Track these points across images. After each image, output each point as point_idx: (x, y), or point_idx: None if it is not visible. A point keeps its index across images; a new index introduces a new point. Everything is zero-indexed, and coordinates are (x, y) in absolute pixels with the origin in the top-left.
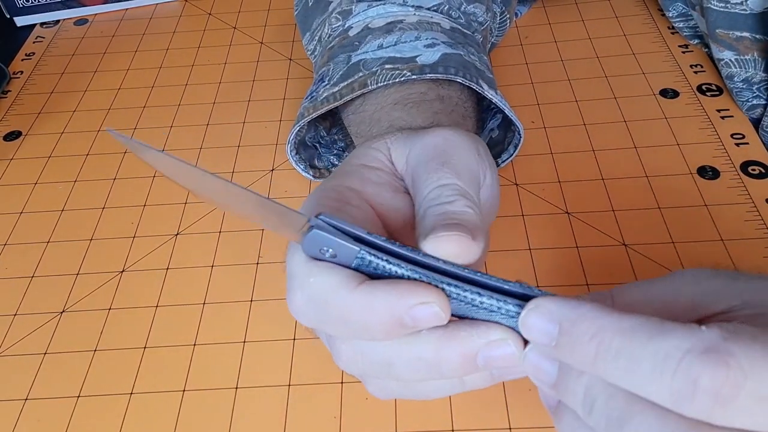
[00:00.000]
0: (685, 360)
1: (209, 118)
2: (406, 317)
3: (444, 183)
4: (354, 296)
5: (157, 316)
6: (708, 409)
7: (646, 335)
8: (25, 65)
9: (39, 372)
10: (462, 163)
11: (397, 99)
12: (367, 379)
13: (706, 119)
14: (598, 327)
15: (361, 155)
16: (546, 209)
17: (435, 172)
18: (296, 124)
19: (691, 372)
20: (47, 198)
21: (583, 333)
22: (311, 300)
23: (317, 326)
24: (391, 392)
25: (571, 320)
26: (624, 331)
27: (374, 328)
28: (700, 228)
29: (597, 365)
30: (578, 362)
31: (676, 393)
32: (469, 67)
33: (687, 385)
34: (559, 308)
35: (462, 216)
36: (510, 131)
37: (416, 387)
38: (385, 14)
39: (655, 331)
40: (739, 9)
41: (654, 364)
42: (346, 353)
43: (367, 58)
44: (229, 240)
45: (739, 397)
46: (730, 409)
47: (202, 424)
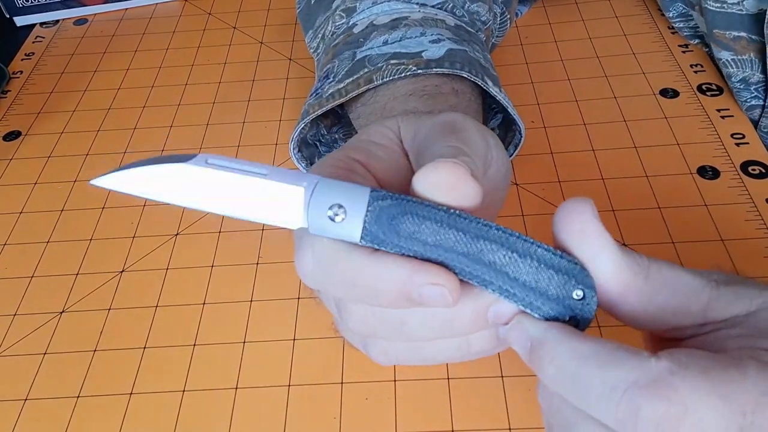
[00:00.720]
0: (629, 392)
1: (209, 118)
2: (414, 293)
3: (449, 144)
4: (367, 261)
5: (157, 316)
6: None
7: (598, 364)
8: (25, 65)
9: (39, 372)
10: (471, 138)
11: (412, 90)
12: (371, 342)
13: (706, 119)
14: (558, 352)
15: (370, 132)
16: (546, 209)
17: (443, 137)
18: (301, 122)
19: (633, 403)
20: (47, 198)
21: (546, 354)
22: (322, 260)
23: (323, 288)
24: (396, 356)
25: (539, 341)
26: (579, 357)
27: (382, 295)
28: (700, 228)
29: (556, 384)
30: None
31: (620, 421)
32: (474, 63)
33: (629, 415)
34: (531, 328)
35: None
36: (510, 131)
37: (423, 348)
38: (389, 11)
39: (606, 361)
40: (735, 9)
41: (602, 392)
42: (357, 312)
43: (372, 54)
44: (229, 240)
45: (682, 428)
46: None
47: (202, 424)
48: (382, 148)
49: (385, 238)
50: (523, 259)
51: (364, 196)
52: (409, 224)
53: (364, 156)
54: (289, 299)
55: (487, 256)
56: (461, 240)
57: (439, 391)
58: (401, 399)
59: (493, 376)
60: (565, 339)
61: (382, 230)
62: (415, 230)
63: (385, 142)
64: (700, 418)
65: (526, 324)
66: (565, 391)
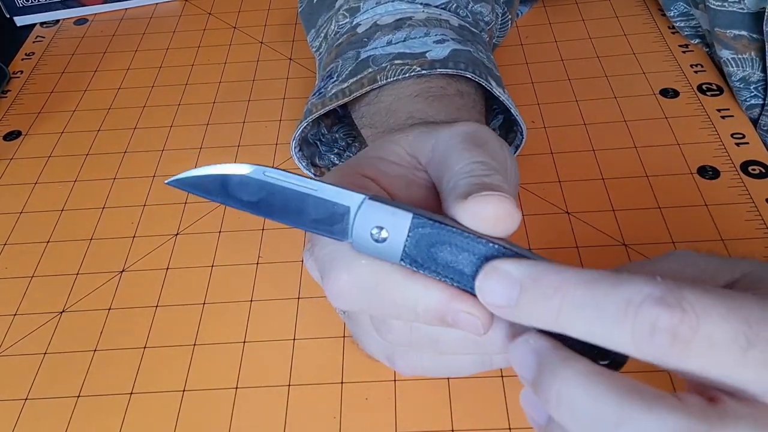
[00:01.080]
0: (645, 303)
1: (209, 118)
2: (449, 317)
3: (479, 160)
4: (407, 283)
5: (157, 316)
6: (665, 349)
7: (609, 284)
8: (25, 65)
9: (39, 372)
10: (494, 149)
11: (417, 91)
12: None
13: (707, 119)
14: (562, 279)
15: (377, 148)
16: (546, 209)
17: (469, 150)
18: (303, 121)
19: (650, 314)
20: (47, 198)
21: (546, 287)
22: (360, 282)
23: (360, 308)
24: (422, 368)
25: (533, 278)
26: (587, 282)
27: (419, 315)
28: (700, 228)
29: (560, 318)
30: (540, 319)
31: (637, 335)
32: (478, 63)
33: (647, 328)
34: (518, 268)
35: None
36: (511, 132)
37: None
38: (393, 11)
39: (617, 281)
40: (736, 8)
41: (616, 311)
42: (398, 327)
43: (376, 54)
44: (229, 240)
45: (694, 340)
46: (686, 351)
47: (202, 424)
48: (392, 165)
49: (424, 263)
50: None
51: (407, 222)
52: (447, 254)
53: (374, 172)
54: (289, 299)
55: None
56: None
57: (439, 391)
58: (401, 399)
59: (493, 376)
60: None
61: (421, 256)
62: (453, 260)
63: (395, 159)
64: (711, 326)
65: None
66: (572, 322)
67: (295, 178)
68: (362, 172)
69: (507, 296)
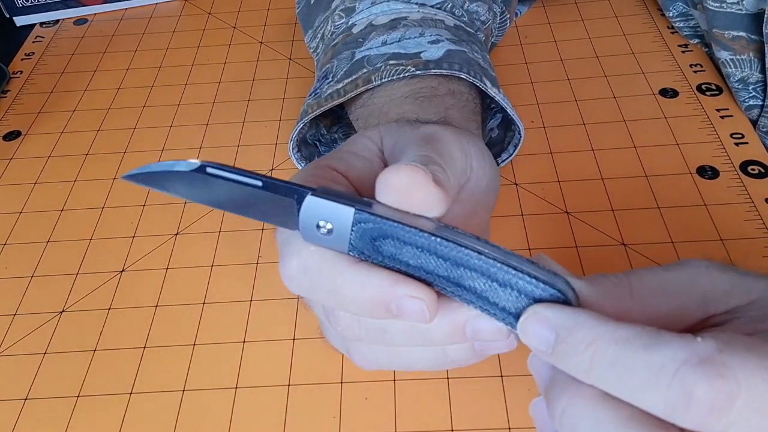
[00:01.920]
0: (681, 371)
1: (209, 118)
2: (393, 305)
3: (421, 153)
4: (350, 271)
5: (157, 316)
6: (702, 420)
7: (642, 345)
8: (25, 65)
9: (39, 372)
10: (445, 149)
11: (408, 92)
12: (353, 347)
13: (706, 119)
14: (594, 336)
15: (351, 143)
16: (546, 209)
17: (417, 146)
18: (299, 122)
19: (686, 383)
20: (47, 198)
21: (579, 341)
22: (306, 268)
23: (307, 294)
24: (376, 361)
25: (568, 329)
26: (620, 340)
27: (362, 304)
28: (699, 228)
29: (591, 374)
30: (573, 370)
31: (671, 403)
32: (473, 64)
33: (682, 396)
34: (556, 316)
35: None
36: (510, 131)
37: (402, 354)
38: (388, 11)
39: (651, 341)
40: (735, 9)
41: (649, 374)
42: (344, 319)
43: (371, 55)
44: (229, 240)
45: (734, 408)
46: (724, 420)
47: (202, 424)
48: (362, 159)
49: (371, 255)
50: (503, 289)
51: (349, 216)
52: (391, 247)
53: (344, 166)
54: (289, 299)
55: (467, 282)
56: (441, 265)
57: (439, 391)
58: (401, 399)
59: (493, 376)
60: (602, 322)
61: (366, 248)
62: (397, 252)
63: (366, 153)
64: (753, 393)
65: (547, 313)
66: (603, 379)
67: (239, 173)
68: (333, 166)
69: (545, 341)
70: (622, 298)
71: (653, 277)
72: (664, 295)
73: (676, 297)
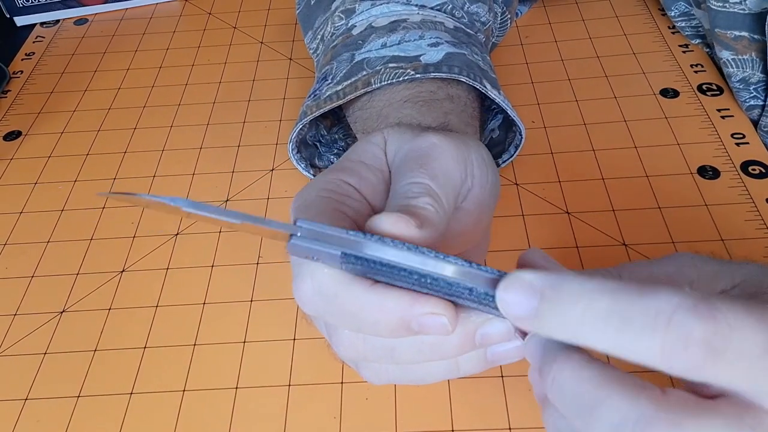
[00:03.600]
0: (677, 314)
1: (209, 118)
2: (414, 323)
3: (415, 181)
4: (367, 295)
5: (157, 316)
6: (698, 363)
7: (636, 293)
8: (25, 65)
9: (39, 372)
10: (441, 167)
11: (407, 96)
12: (363, 364)
13: (707, 119)
14: (585, 289)
15: (360, 151)
16: (546, 209)
17: (411, 171)
18: (298, 123)
19: (684, 325)
20: (47, 198)
21: (568, 296)
22: (321, 291)
23: (321, 316)
24: (387, 377)
25: (554, 286)
26: (612, 291)
27: (381, 326)
28: (700, 228)
29: (583, 329)
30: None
31: (668, 347)
32: (472, 66)
33: (680, 339)
34: (538, 277)
35: (419, 210)
36: (511, 131)
37: (413, 370)
38: (388, 13)
39: (644, 290)
40: (737, 8)
41: (645, 321)
42: (348, 339)
43: (370, 57)
44: (229, 240)
45: (727, 350)
46: (719, 362)
47: (202, 424)
48: (372, 170)
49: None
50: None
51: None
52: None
53: (356, 179)
54: (289, 299)
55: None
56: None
57: (439, 391)
58: (401, 399)
59: (493, 376)
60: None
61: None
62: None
63: (375, 163)
64: (742, 337)
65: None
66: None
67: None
68: (344, 179)
69: (528, 306)
70: None
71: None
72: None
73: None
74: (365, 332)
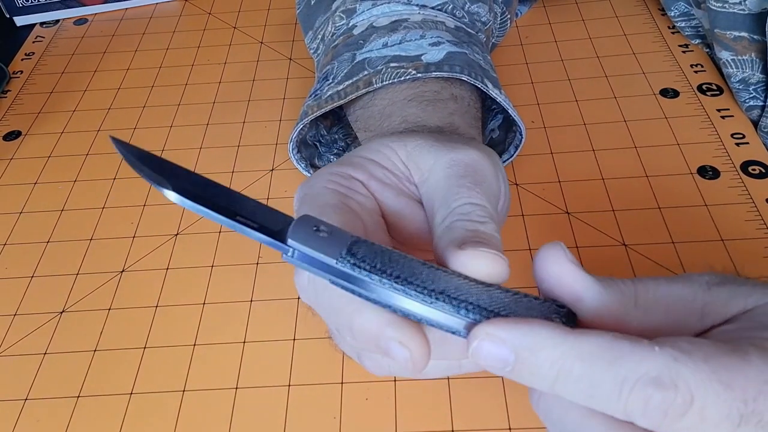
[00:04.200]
0: (639, 384)
1: (209, 118)
2: (382, 341)
3: (476, 202)
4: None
5: (157, 316)
6: (658, 424)
7: (607, 361)
8: (25, 65)
9: (39, 372)
10: (490, 188)
11: (411, 95)
12: (365, 354)
13: (707, 119)
14: (560, 354)
15: (372, 150)
16: (546, 209)
17: (468, 189)
18: (299, 123)
19: (643, 395)
20: (47, 198)
21: (543, 361)
22: (315, 284)
23: (315, 308)
24: (389, 370)
25: (529, 349)
26: (585, 357)
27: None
28: (700, 228)
29: (556, 388)
30: (536, 385)
31: (629, 410)
32: (474, 65)
33: (640, 405)
34: (512, 336)
35: (492, 240)
36: (511, 131)
37: None
38: (389, 13)
39: (614, 356)
40: (737, 9)
41: (612, 388)
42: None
43: (371, 57)
44: (229, 240)
45: (687, 415)
46: (677, 423)
47: (202, 424)
48: (385, 171)
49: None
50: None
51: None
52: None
53: (365, 175)
54: (289, 299)
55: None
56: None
57: (439, 391)
58: (401, 399)
59: (493, 376)
60: (563, 339)
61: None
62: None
63: (389, 165)
64: (704, 405)
65: (502, 334)
66: (569, 392)
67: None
68: (352, 174)
69: (503, 362)
70: (627, 305)
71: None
72: (665, 306)
73: (676, 310)
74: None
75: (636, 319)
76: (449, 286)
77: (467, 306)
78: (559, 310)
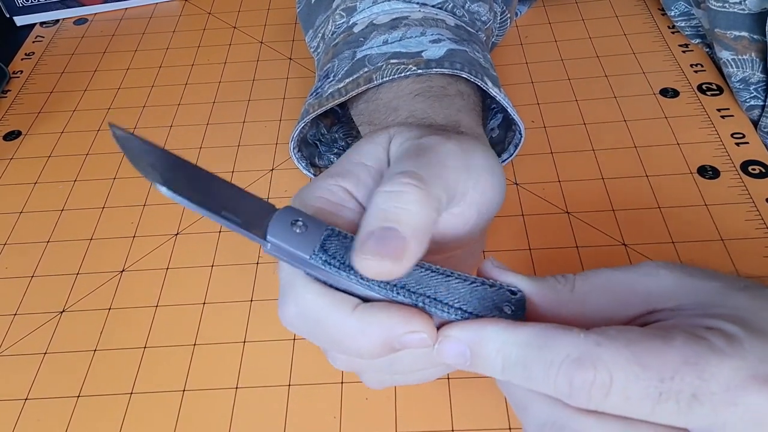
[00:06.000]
0: (563, 366)
1: (209, 118)
2: (396, 342)
3: (405, 170)
4: (349, 321)
5: (157, 316)
6: (584, 403)
7: (537, 346)
8: (25, 65)
9: (39, 372)
10: (437, 159)
11: (417, 90)
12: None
13: (707, 119)
14: (502, 342)
15: (363, 151)
16: (546, 209)
17: (404, 159)
18: (300, 121)
19: (566, 376)
20: (47, 198)
21: (490, 351)
22: (305, 316)
23: (308, 338)
24: (388, 382)
25: (478, 343)
26: (520, 344)
27: (364, 351)
28: (700, 228)
29: (505, 373)
30: (491, 373)
31: (558, 391)
32: (474, 63)
33: (565, 386)
34: (465, 334)
35: (398, 215)
36: (511, 131)
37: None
38: (390, 10)
39: (544, 341)
40: (737, 9)
41: (542, 370)
42: (341, 360)
43: (372, 54)
44: (229, 240)
45: (609, 394)
46: (603, 403)
47: (202, 424)
48: (371, 173)
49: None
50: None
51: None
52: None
53: (353, 183)
54: None
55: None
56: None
57: (439, 391)
58: (401, 399)
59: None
60: (504, 330)
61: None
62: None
63: (375, 164)
64: (625, 385)
65: (457, 334)
66: (514, 376)
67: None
68: (341, 184)
69: (463, 357)
70: (561, 294)
71: (598, 276)
72: (606, 291)
73: (618, 294)
74: (350, 355)
75: (572, 306)
76: (410, 280)
77: (424, 300)
78: (510, 297)
